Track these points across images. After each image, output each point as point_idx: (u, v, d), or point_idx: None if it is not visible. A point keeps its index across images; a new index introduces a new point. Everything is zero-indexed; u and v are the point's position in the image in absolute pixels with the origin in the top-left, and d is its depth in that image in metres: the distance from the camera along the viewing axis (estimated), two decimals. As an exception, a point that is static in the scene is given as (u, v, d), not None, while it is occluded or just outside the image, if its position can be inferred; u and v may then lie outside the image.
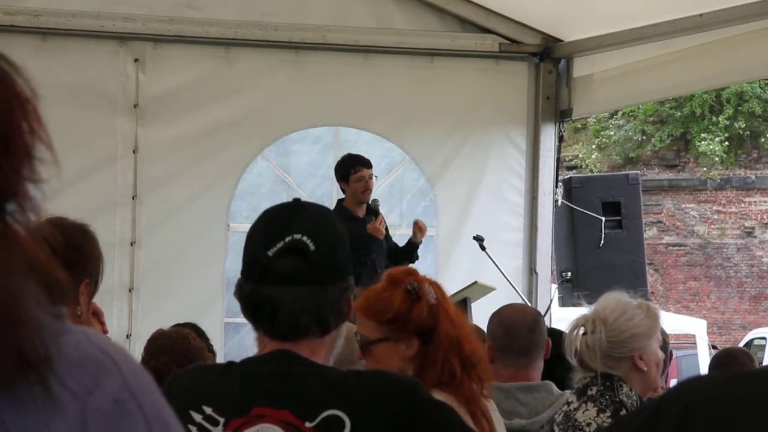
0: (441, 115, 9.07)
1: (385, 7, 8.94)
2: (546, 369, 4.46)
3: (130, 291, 8.38)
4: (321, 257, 2.51)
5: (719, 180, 27.01)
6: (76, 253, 2.95)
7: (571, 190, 9.31)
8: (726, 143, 26.86)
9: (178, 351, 4.70)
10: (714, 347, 18.38)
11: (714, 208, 27.16)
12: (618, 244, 9.28)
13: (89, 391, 1.15)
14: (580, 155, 28.12)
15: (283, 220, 2.55)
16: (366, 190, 8.43)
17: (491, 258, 8.40)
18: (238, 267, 2.61)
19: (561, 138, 9.31)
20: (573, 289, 9.14)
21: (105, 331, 3.34)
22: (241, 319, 2.68)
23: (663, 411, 1.85)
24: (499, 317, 4.50)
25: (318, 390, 2.51)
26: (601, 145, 28.40)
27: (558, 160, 9.27)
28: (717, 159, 26.90)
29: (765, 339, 20.35)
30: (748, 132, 27.10)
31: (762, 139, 27.15)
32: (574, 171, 25.28)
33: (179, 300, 8.29)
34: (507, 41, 9.05)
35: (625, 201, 9.38)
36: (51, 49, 8.24)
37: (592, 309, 3.96)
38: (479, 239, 8.51)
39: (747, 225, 26.99)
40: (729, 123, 26.76)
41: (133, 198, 8.42)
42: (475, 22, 9.03)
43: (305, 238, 2.50)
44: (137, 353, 5.13)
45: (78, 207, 5.49)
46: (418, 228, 8.49)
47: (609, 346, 3.87)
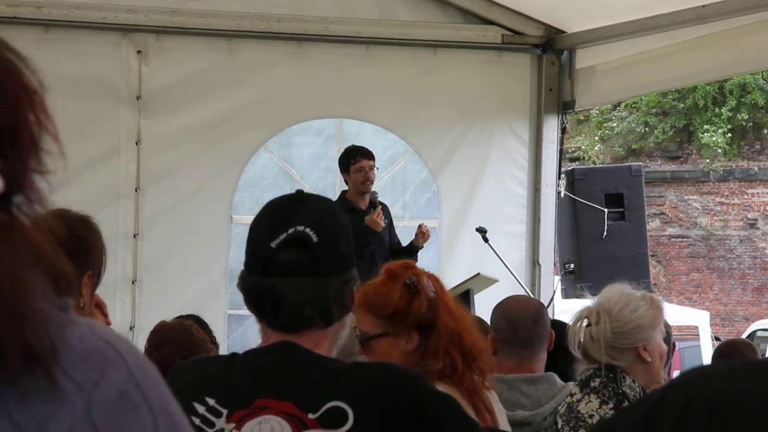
0: (444, 107, 9.06)
1: (388, -1, 8.95)
2: (549, 361, 4.46)
3: (133, 283, 8.38)
4: (324, 249, 2.51)
5: (722, 172, 26.98)
6: (79, 245, 2.95)
7: (574, 181, 9.30)
8: (729, 135, 26.82)
9: (180, 343, 4.70)
10: (717, 339, 18.35)
11: (717, 199, 27.12)
12: (621, 235, 9.27)
13: (95, 383, 1.15)
14: (582, 147, 28.10)
15: (286, 211, 2.55)
16: (366, 180, 8.39)
17: (494, 250, 8.39)
18: (241, 259, 2.61)
19: (564, 130, 9.30)
20: (576, 281, 9.13)
21: (108, 323, 3.34)
22: (245, 311, 2.69)
23: (665, 402, 1.85)
24: (503, 309, 4.50)
25: (321, 381, 2.51)
26: (604, 137, 28.37)
27: (561, 151, 9.26)
28: (720, 151, 26.87)
29: (768, 330, 20.35)
30: (750, 123, 27.06)
31: (765, 131, 27.11)
32: (576, 163, 25.26)
33: (182, 292, 8.29)
34: (510, 33, 9.04)
35: (628, 193, 9.37)
36: (54, 41, 8.23)
37: (595, 300, 3.96)
38: (482, 231, 8.49)
39: (750, 217, 26.97)
40: (732, 114, 26.72)
41: (136, 190, 8.42)
42: (478, 13, 9.02)
43: (308, 229, 2.51)
44: (140, 345, 5.14)
45: (81, 199, 5.49)
46: (420, 233, 8.46)
47: (613, 337, 3.87)
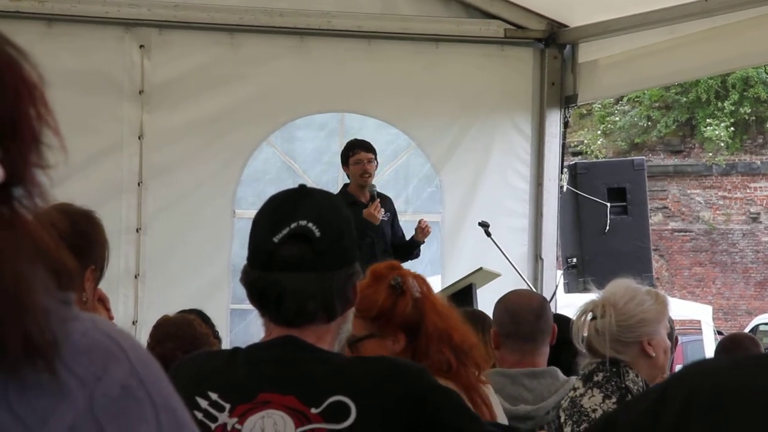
0: (446, 101, 9.05)
1: (390, -7, 8.95)
2: (552, 355, 4.46)
3: (135, 277, 8.38)
4: (326, 243, 2.51)
5: (725, 165, 26.96)
6: (81, 240, 2.95)
7: (577, 176, 9.29)
8: (731, 129, 26.80)
9: (183, 337, 4.70)
10: (719, 333, 18.34)
11: (719, 193, 27.10)
12: (623, 230, 9.26)
13: (97, 378, 1.15)
14: (585, 141, 28.07)
15: (289, 206, 2.55)
16: (364, 173, 8.37)
17: (496, 244, 8.38)
18: (244, 253, 2.61)
19: (566, 124, 9.30)
20: (578, 275, 9.13)
21: (111, 318, 3.34)
22: (247, 306, 2.68)
23: (668, 396, 1.85)
24: (505, 303, 4.50)
25: (324, 376, 2.51)
26: (607, 131, 28.35)
27: (563, 146, 9.25)
28: (722, 144, 26.85)
29: (770, 324, 20.35)
30: (753, 117, 27.04)
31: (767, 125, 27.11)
32: (579, 157, 25.23)
33: (185, 286, 8.30)
34: (512, 27, 9.03)
35: (631, 187, 9.35)
36: (56, 36, 8.23)
37: (601, 294, 3.96)
38: (485, 225, 8.48)
39: (752, 210, 26.95)
40: (734, 108, 26.70)
41: (139, 184, 8.42)
42: (480, 7, 9.01)
43: (311, 224, 2.50)
44: (143, 340, 5.14)
45: (84, 193, 5.48)
46: (420, 228, 8.45)
47: (618, 330, 3.86)
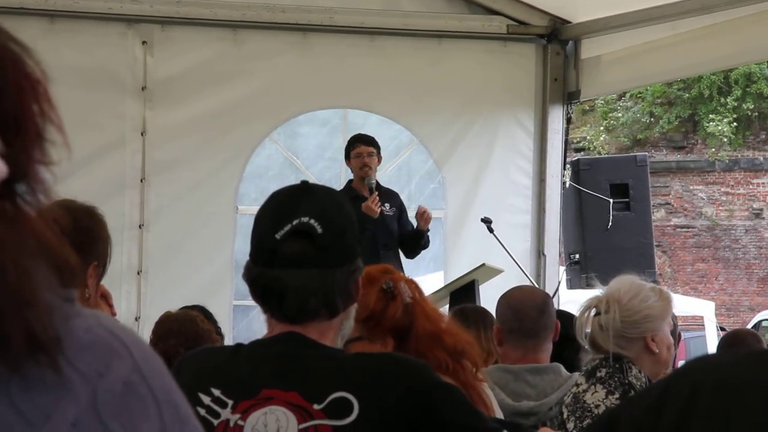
0: (448, 98, 9.04)
1: (392, -11, 8.94)
2: (555, 351, 4.46)
3: (138, 274, 8.38)
4: (328, 240, 2.51)
5: (727, 161, 26.96)
6: (84, 236, 2.95)
7: (579, 172, 9.28)
8: (734, 124, 26.80)
9: (186, 334, 4.71)
10: (722, 329, 18.35)
11: (722, 189, 27.11)
12: (626, 226, 9.25)
13: (100, 374, 1.15)
14: (587, 137, 28.08)
15: (291, 202, 2.55)
16: (363, 166, 8.36)
17: (499, 240, 8.38)
18: (246, 249, 2.61)
19: (569, 120, 9.29)
20: (581, 272, 9.12)
21: (113, 314, 3.34)
22: (250, 302, 2.69)
23: (671, 392, 1.85)
24: (508, 299, 4.50)
25: (326, 372, 2.51)
26: (609, 127, 28.35)
27: (566, 142, 9.25)
28: (725, 140, 26.85)
29: (773, 320, 20.32)
30: (756, 113, 27.04)
31: (770, 121, 27.13)
32: (581, 153, 25.23)
33: (188, 283, 8.29)
34: (514, 23, 9.02)
35: (633, 183, 9.35)
36: (59, 32, 8.23)
37: (605, 290, 3.96)
38: (487, 221, 8.48)
39: (755, 206, 26.95)
40: (737, 104, 26.70)
41: (142, 181, 8.42)
42: (483, 3, 9.00)
43: (313, 221, 2.50)
44: (146, 336, 5.14)
45: (86, 190, 5.48)
46: (419, 215, 8.43)
47: (622, 326, 3.86)
